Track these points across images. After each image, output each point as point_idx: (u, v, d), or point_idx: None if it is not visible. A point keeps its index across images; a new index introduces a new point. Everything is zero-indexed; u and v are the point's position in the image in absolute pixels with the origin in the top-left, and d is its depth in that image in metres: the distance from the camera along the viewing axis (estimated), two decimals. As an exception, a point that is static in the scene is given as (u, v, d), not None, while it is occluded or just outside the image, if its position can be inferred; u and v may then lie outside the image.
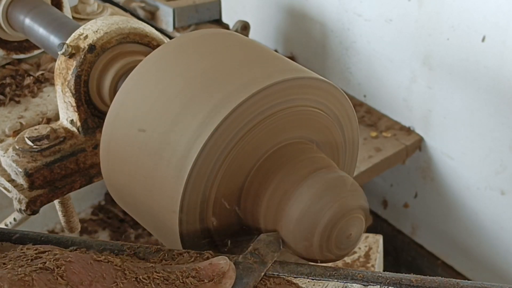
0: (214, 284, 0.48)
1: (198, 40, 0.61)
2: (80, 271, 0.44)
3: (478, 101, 1.52)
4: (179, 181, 0.52)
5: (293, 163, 0.55)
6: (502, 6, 1.38)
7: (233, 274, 0.49)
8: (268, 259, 0.52)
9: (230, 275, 0.49)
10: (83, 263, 0.45)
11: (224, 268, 0.49)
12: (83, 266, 0.44)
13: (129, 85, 0.59)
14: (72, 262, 0.44)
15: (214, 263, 0.49)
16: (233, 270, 0.49)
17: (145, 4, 1.71)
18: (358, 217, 0.54)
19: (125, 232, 1.93)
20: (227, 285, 0.48)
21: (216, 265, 0.49)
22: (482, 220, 1.67)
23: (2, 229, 0.59)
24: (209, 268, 0.49)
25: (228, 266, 0.49)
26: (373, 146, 1.69)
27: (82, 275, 0.44)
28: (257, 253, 0.52)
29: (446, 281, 0.52)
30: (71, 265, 0.44)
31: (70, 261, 0.44)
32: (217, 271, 0.48)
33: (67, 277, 0.43)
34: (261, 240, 0.53)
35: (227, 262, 0.49)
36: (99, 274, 0.45)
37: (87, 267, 0.45)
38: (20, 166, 0.71)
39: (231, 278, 0.49)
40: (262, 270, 0.51)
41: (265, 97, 0.54)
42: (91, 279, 0.44)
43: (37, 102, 0.90)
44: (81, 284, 0.43)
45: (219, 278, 0.48)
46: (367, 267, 1.06)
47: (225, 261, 0.49)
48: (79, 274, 0.44)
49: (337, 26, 1.82)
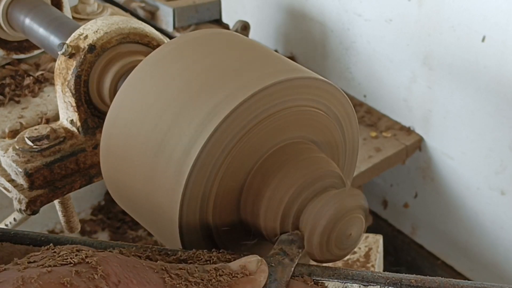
0: (248, 279, 0.48)
1: (198, 40, 0.61)
2: (117, 269, 0.44)
3: (478, 101, 1.52)
4: (179, 180, 0.52)
5: (293, 163, 0.55)
6: (502, 6, 1.38)
7: (265, 268, 0.49)
8: (294, 256, 0.52)
9: (263, 268, 0.49)
10: (118, 261, 0.45)
11: (255, 264, 0.49)
12: (120, 264, 0.44)
13: (129, 85, 0.59)
14: (109, 260, 0.44)
15: (245, 260, 0.49)
16: (265, 265, 0.49)
17: (145, 4, 1.71)
18: (358, 217, 0.54)
19: (124, 233, 1.93)
20: (261, 278, 0.49)
21: (248, 262, 0.49)
22: (482, 220, 1.67)
23: (2, 229, 0.59)
24: (241, 265, 0.49)
25: (260, 261, 0.49)
26: (373, 146, 1.69)
27: (119, 273, 0.44)
28: (283, 251, 0.52)
29: (446, 281, 0.52)
30: (109, 263, 0.44)
31: (107, 259, 0.44)
32: (250, 268, 0.49)
33: (105, 276, 0.43)
34: (283, 240, 0.53)
35: (258, 258, 0.50)
36: (135, 273, 0.44)
37: (124, 265, 0.45)
38: (20, 166, 0.71)
39: (265, 271, 0.49)
40: (292, 266, 0.51)
41: (265, 97, 0.54)
42: (127, 277, 0.44)
43: (37, 102, 0.90)
44: (120, 282, 0.43)
45: (253, 273, 0.48)
46: (367, 267, 1.06)
47: (256, 258, 0.50)
48: (117, 272, 0.44)
49: (337, 26, 1.82)
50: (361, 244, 1.12)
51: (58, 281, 0.41)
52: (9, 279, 0.40)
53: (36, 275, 0.41)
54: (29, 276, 0.41)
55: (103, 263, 0.44)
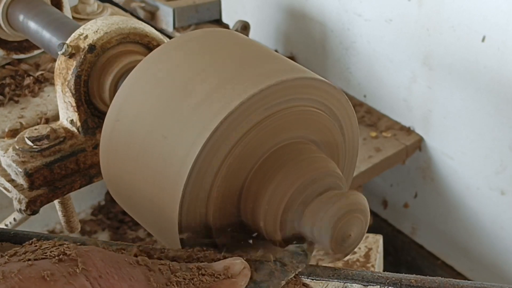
0: (229, 281, 0.48)
1: (198, 40, 0.61)
2: (99, 263, 0.44)
3: (478, 101, 1.52)
4: (179, 180, 0.52)
5: (293, 163, 0.55)
6: (502, 6, 1.38)
7: (248, 272, 0.49)
8: (290, 269, 0.51)
9: (245, 273, 0.49)
10: (101, 256, 0.44)
11: (239, 266, 0.49)
12: (102, 258, 0.44)
13: (129, 85, 0.59)
14: (90, 254, 0.44)
15: (229, 262, 0.49)
16: (248, 269, 0.49)
17: (145, 4, 1.71)
18: (358, 217, 0.54)
19: (124, 233, 1.93)
20: (242, 282, 0.48)
21: (232, 264, 0.49)
22: (482, 220, 1.67)
23: (2, 229, 0.59)
24: (225, 266, 0.49)
25: (243, 265, 0.49)
26: (373, 146, 1.69)
27: (100, 267, 0.43)
28: (281, 261, 0.52)
29: (446, 281, 0.52)
30: (90, 257, 0.44)
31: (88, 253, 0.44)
32: (233, 270, 0.49)
33: (86, 270, 0.43)
34: (288, 250, 0.53)
35: (242, 261, 0.49)
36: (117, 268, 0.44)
37: (106, 259, 0.44)
38: (20, 166, 0.71)
39: (246, 276, 0.49)
40: (283, 279, 0.51)
41: (265, 97, 0.54)
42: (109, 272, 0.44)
43: (37, 102, 0.90)
44: (100, 277, 0.43)
45: (234, 276, 0.48)
46: (367, 267, 1.06)
47: (240, 261, 0.49)
48: (99, 266, 0.43)
49: (337, 26, 1.82)
50: (361, 244, 1.12)
51: (39, 275, 0.41)
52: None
53: (17, 269, 0.41)
54: (9, 270, 0.41)
55: (85, 257, 0.44)
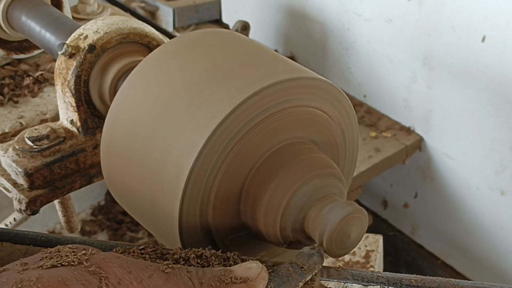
0: (247, 285, 0.48)
1: (198, 40, 0.61)
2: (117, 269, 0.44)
3: (478, 101, 1.52)
4: (179, 181, 0.52)
5: (293, 163, 0.55)
6: (502, 6, 1.39)
7: (265, 275, 0.49)
8: (307, 271, 0.51)
9: (263, 276, 0.49)
10: (119, 262, 0.44)
11: (256, 270, 0.49)
12: (120, 265, 0.44)
13: (129, 85, 0.59)
14: (108, 261, 0.44)
15: (246, 266, 0.49)
16: (265, 272, 0.49)
17: (145, 4, 1.71)
18: (358, 217, 0.54)
19: (124, 234, 1.93)
20: (260, 285, 0.48)
21: (249, 268, 0.49)
22: (482, 220, 1.67)
23: (2, 229, 0.59)
24: (241, 270, 0.49)
25: (260, 268, 0.49)
26: (373, 146, 1.69)
27: (119, 274, 0.43)
28: (297, 264, 0.51)
29: (446, 281, 0.52)
30: (108, 264, 0.44)
31: (106, 260, 0.44)
32: (250, 273, 0.49)
33: (104, 277, 0.43)
34: (303, 253, 0.53)
35: (259, 264, 0.49)
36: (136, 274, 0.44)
37: (124, 266, 0.44)
38: (20, 166, 0.71)
39: (264, 279, 0.49)
40: (300, 280, 0.51)
41: (265, 97, 0.54)
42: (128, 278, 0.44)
43: (37, 102, 0.90)
44: (119, 284, 0.43)
45: (252, 279, 0.48)
46: (367, 267, 1.06)
47: (257, 264, 0.49)
48: (117, 273, 0.43)
49: (337, 26, 1.82)
50: (361, 244, 1.12)
51: (57, 282, 0.41)
52: (8, 281, 0.40)
53: (35, 277, 0.41)
54: (28, 278, 0.41)
55: (103, 264, 0.44)
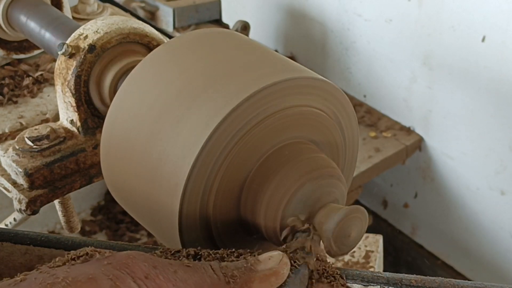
0: (272, 271, 0.49)
1: (198, 40, 0.61)
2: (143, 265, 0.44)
3: (478, 101, 1.52)
4: (179, 180, 0.52)
5: (293, 163, 0.55)
6: (502, 6, 1.39)
7: (287, 261, 0.50)
8: (314, 247, 0.53)
9: (285, 261, 0.50)
10: (143, 258, 0.45)
11: (278, 257, 0.50)
12: (145, 261, 0.45)
13: (129, 84, 0.59)
14: (133, 257, 0.45)
15: (267, 255, 0.50)
16: (286, 258, 0.50)
17: (145, 4, 1.71)
18: (357, 217, 0.54)
19: (123, 234, 1.93)
20: (284, 270, 0.49)
21: (270, 256, 0.50)
22: (482, 220, 1.67)
23: (2, 229, 0.59)
24: (263, 259, 0.50)
25: (281, 255, 0.50)
26: (373, 146, 1.69)
27: (145, 269, 0.44)
28: (303, 247, 0.53)
29: (446, 281, 0.52)
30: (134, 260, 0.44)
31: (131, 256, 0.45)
32: (271, 261, 0.49)
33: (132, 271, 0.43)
34: (301, 236, 0.54)
35: (280, 253, 0.50)
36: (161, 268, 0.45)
37: (149, 262, 0.45)
38: (20, 166, 0.71)
39: (287, 264, 0.50)
40: (313, 258, 0.52)
41: (265, 97, 0.54)
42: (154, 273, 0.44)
43: (37, 102, 0.90)
44: (147, 278, 0.43)
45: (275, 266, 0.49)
46: (367, 267, 1.06)
47: (278, 252, 0.50)
48: (143, 268, 0.44)
49: (337, 26, 1.82)
50: (361, 244, 1.12)
51: (86, 279, 0.41)
52: (37, 280, 0.41)
53: (63, 275, 0.41)
54: (56, 276, 0.41)
55: (129, 260, 0.44)
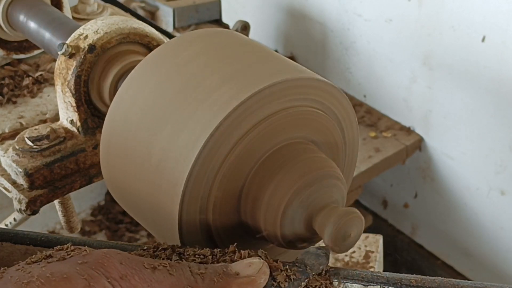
0: (249, 279, 0.48)
1: (198, 40, 0.61)
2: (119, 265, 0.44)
3: (478, 101, 1.52)
4: (179, 180, 0.52)
5: (293, 163, 0.55)
6: (502, 6, 1.39)
7: (266, 270, 0.49)
8: (310, 270, 0.51)
9: (264, 271, 0.49)
10: (120, 258, 0.45)
11: (257, 265, 0.49)
12: (121, 260, 0.44)
13: (129, 84, 0.59)
14: (110, 256, 0.44)
15: (247, 261, 0.50)
16: (266, 267, 0.49)
17: (145, 4, 1.71)
18: (357, 217, 0.54)
19: (123, 235, 1.93)
20: (262, 280, 0.49)
21: (250, 263, 0.49)
22: (482, 220, 1.67)
23: (2, 229, 0.59)
24: (242, 266, 0.49)
25: (261, 263, 0.49)
26: (373, 146, 1.69)
27: (121, 269, 0.44)
28: (304, 263, 0.52)
29: (446, 281, 0.52)
30: (110, 260, 0.44)
31: (107, 256, 0.44)
32: (251, 269, 0.49)
33: (106, 271, 0.43)
34: (309, 252, 0.53)
35: (260, 260, 0.50)
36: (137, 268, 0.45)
37: (126, 261, 0.45)
38: (20, 166, 0.71)
39: (265, 274, 0.49)
40: (303, 280, 0.51)
41: (265, 97, 0.54)
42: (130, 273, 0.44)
43: (37, 102, 0.90)
44: (121, 279, 0.43)
45: (253, 274, 0.49)
46: (367, 267, 1.06)
47: (258, 260, 0.50)
48: (119, 268, 0.44)
49: (337, 26, 1.82)
50: (361, 244, 1.12)
51: (60, 278, 0.41)
52: (13, 278, 0.41)
53: (37, 273, 0.41)
54: (31, 274, 0.41)
55: (105, 260, 0.44)
